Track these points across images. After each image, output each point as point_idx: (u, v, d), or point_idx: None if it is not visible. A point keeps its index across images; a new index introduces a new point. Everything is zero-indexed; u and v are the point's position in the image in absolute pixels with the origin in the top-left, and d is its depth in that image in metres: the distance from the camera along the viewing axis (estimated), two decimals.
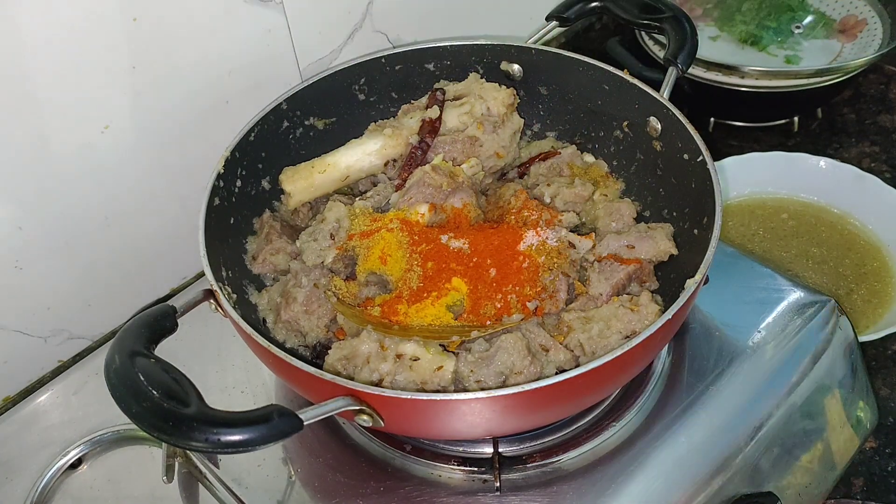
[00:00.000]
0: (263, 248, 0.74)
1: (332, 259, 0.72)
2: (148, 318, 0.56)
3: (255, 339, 0.58)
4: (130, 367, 0.49)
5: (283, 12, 0.85)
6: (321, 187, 0.78)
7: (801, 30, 1.22)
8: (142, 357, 0.50)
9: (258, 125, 0.76)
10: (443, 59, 0.86)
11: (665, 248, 0.71)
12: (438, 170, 0.75)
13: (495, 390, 0.53)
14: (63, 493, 0.72)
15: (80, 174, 0.77)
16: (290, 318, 0.69)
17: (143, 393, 0.47)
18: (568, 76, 0.83)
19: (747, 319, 0.76)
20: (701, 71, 1.11)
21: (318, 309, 0.69)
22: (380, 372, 0.61)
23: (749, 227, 1.04)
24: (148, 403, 0.46)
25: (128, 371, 0.48)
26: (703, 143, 0.70)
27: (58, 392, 0.79)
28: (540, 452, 0.67)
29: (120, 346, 0.51)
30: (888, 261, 0.98)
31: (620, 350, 0.55)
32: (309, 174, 0.77)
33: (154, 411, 0.45)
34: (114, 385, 0.48)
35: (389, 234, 0.71)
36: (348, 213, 0.74)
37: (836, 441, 0.77)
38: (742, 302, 0.78)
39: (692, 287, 0.60)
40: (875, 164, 1.13)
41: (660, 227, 0.73)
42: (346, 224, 0.73)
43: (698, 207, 0.69)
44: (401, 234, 0.71)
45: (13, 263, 0.76)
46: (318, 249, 0.72)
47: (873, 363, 0.89)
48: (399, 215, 0.73)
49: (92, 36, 0.71)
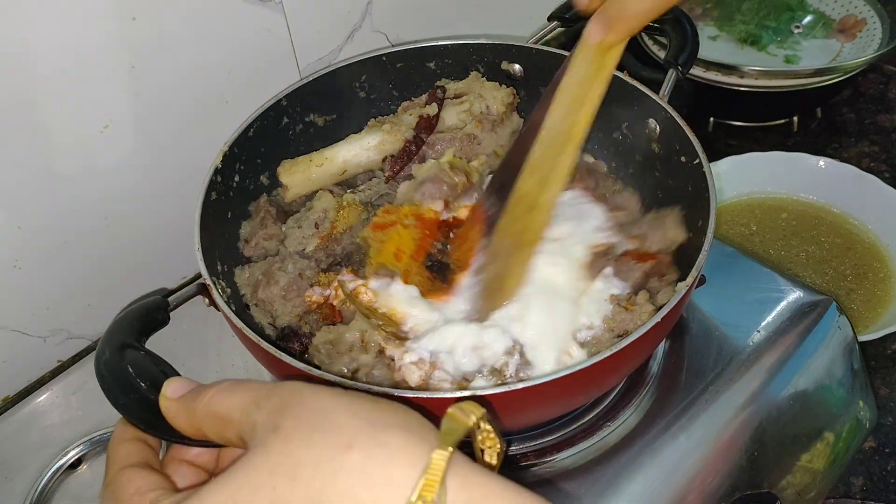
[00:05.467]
0: (258, 232, 0.75)
1: (314, 248, 0.72)
2: (140, 310, 0.56)
3: (247, 335, 0.57)
4: (120, 359, 0.49)
5: (282, 12, 0.85)
6: (318, 181, 0.78)
7: (801, 29, 1.22)
8: (132, 349, 0.50)
9: (257, 121, 0.76)
10: (444, 57, 0.86)
11: (674, 236, 0.70)
12: (456, 168, 0.75)
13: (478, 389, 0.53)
14: (63, 493, 0.72)
15: (80, 174, 0.77)
16: (266, 299, 0.69)
17: (131, 385, 0.47)
18: None
19: (747, 319, 0.76)
20: (700, 70, 1.11)
21: (295, 297, 0.69)
22: (358, 362, 0.62)
23: (748, 226, 1.04)
24: (135, 395, 0.46)
25: (117, 363, 0.49)
26: (699, 146, 0.70)
27: (57, 392, 0.79)
28: (537, 452, 0.67)
29: (110, 338, 0.51)
30: (888, 261, 0.98)
31: (609, 351, 0.55)
32: (307, 167, 0.77)
33: (141, 403, 0.45)
34: (103, 376, 0.49)
35: (405, 231, 0.71)
36: (336, 205, 0.74)
37: (835, 441, 0.77)
38: (741, 302, 0.78)
39: (683, 290, 0.60)
40: (875, 164, 1.13)
41: (668, 211, 0.72)
42: (332, 215, 0.74)
43: (695, 210, 0.69)
44: (416, 232, 0.71)
45: (13, 263, 0.76)
46: (300, 237, 0.73)
47: (873, 363, 0.89)
48: (413, 210, 0.73)
49: (91, 36, 0.71)
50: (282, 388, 0.39)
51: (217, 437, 0.41)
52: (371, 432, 0.36)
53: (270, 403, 0.39)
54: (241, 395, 0.40)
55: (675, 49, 0.77)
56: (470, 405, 0.38)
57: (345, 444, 0.35)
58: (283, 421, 0.37)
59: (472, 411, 0.38)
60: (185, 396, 0.43)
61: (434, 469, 0.34)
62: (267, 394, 0.39)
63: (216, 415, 0.41)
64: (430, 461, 0.35)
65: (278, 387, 0.40)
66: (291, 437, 0.36)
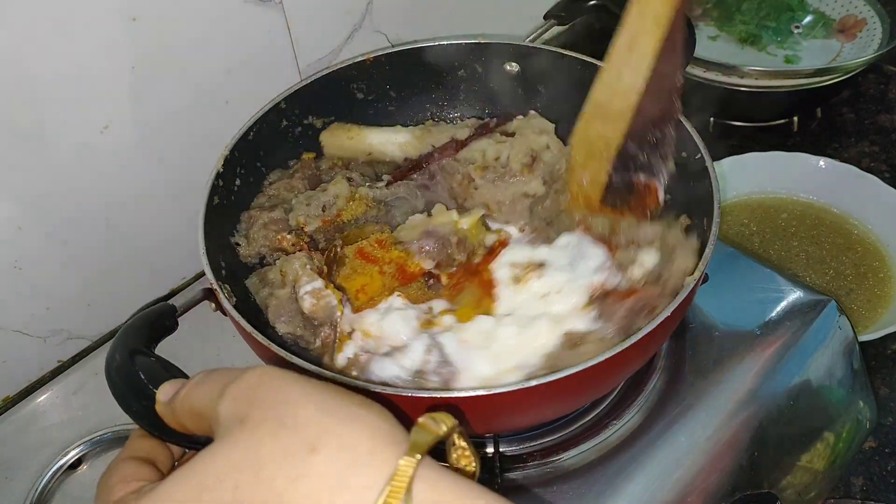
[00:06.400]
0: (284, 180, 0.78)
1: (315, 229, 0.74)
2: (149, 316, 0.56)
3: (256, 338, 0.57)
4: (131, 365, 0.49)
5: (282, 12, 0.85)
6: (348, 150, 0.83)
7: (801, 29, 1.22)
8: (142, 356, 0.50)
9: (257, 124, 0.76)
10: (441, 58, 0.85)
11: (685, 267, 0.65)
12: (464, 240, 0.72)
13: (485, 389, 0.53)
14: (63, 494, 0.72)
15: (80, 174, 0.77)
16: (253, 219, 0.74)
17: (144, 391, 0.46)
18: (566, 75, 0.83)
19: (747, 319, 0.76)
20: (700, 71, 1.11)
21: (273, 233, 0.73)
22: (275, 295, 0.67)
23: (749, 226, 1.04)
24: (148, 402, 0.46)
25: (128, 369, 0.48)
26: (700, 141, 0.69)
27: (57, 392, 0.79)
28: (540, 451, 0.67)
29: (121, 345, 0.51)
30: (888, 261, 0.98)
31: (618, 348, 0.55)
32: (342, 136, 0.83)
33: (154, 410, 0.45)
34: (114, 383, 0.49)
35: (379, 277, 0.70)
36: (348, 194, 0.76)
37: (835, 441, 0.78)
38: (742, 302, 0.78)
39: (691, 284, 0.60)
40: (875, 164, 1.13)
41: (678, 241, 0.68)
42: (341, 203, 0.75)
43: (697, 206, 0.69)
44: (390, 280, 0.70)
45: (13, 263, 0.76)
46: (306, 213, 0.74)
47: (873, 363, 0.89)
48: (400, 260, 0.71)
49: (91, 36, 0.71)
50: (250, 375, 0.38)
51: (201, 433, 0.41)
52: (339, 432, 0.35)
53: (236, 390, 0.38)
54: (208, 385, 0.40)
55: None
56: (442, 415, 0.37)
57: (310, 444, 0.35)
58: (249, 411, 0.37)
59: (443, 421, 0.37)
60: (172, 397, 0.43)
61: (400, 475, 0.34)
62: (234, 379, 0.38)
63: (191, 410, 0.41)
64: (396, 467, 0.34)
65: (246, 372, 0.39)
66: (256, 432, 0.36)
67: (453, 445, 0.38)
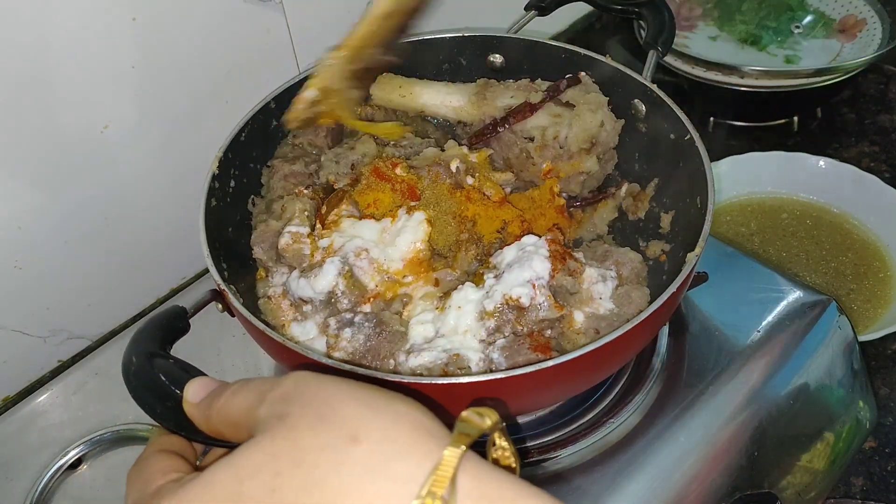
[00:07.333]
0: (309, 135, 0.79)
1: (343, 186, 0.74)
2: (160, 319, 0.56)
3: (268, 335, 0.57)
4: (150, 367, 0.48)
5: (282, 12, 0.85)
6: (398, 105, 0.82)
7: (801, 29, 1.22)
8: (160, 358, 0.49)
9: (248, 124, 0.75)
10: (427, 51, 0.85)
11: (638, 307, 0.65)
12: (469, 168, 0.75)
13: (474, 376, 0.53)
14: (63, 493, 0.72)
15: (80, 174, 0.77)
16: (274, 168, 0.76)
17: (167, 393, 0.46)
18: (549, 64, 0.82)
19: (747, 319, 0.76)
20: (701, 71, 1.11)
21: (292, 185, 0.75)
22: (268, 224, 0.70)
23: (748, 226, 1.04)
24: (172, 403, 0.45)
25: (147, 372, 0.48)
26: (688, 122, 0.70)
27: (57, 392, 0.79)
28: (538, 450, 0.67)
29: (136, 348, 0.51)
30: (888, 261, 0.98)
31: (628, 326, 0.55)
32: (393, 90, 0.81)
33: (178, 410, 0.45)
34: (134, 387, 0.48)
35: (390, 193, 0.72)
36: (376, 154, 0.77)
37: (835, 441, 0.78)
38: (742, 302, 0.78)
39: (693, 261, 0.60)
40: (875, 164, 1.13)
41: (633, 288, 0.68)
42: (368, 162, 0.76)
43: (690, 187, 0.69)
44: (400, 198, 0.72)
45: (13, 263, 0.77)
46: (335, 171, 0.75)
47: (873, 363, 0.90)
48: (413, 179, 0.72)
49: (91, 36, 0.71)
50: (287, 380, 0.39)
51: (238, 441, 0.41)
52: (379, 425, 0.36)
53: (275, 395, 0.38)
54: (246, 394, 0.40)
55: (654, 31, 0.78)
56: (486, 410, 0.37)
57: (351, 435, 0.35)
58: (288, 409, 0.37)
59: (487, 415, 0.37)
60: (204, 401, 0.43)
61: (445, 466, 0.34)
62: (271, 387, 0.39)
63: (229, 420, 0.41)
64: (441, 458, 0.34)
65: (284, 378, 0.39)
66: (297, 425, 0.36)
67: (493, 445, 0.38)
